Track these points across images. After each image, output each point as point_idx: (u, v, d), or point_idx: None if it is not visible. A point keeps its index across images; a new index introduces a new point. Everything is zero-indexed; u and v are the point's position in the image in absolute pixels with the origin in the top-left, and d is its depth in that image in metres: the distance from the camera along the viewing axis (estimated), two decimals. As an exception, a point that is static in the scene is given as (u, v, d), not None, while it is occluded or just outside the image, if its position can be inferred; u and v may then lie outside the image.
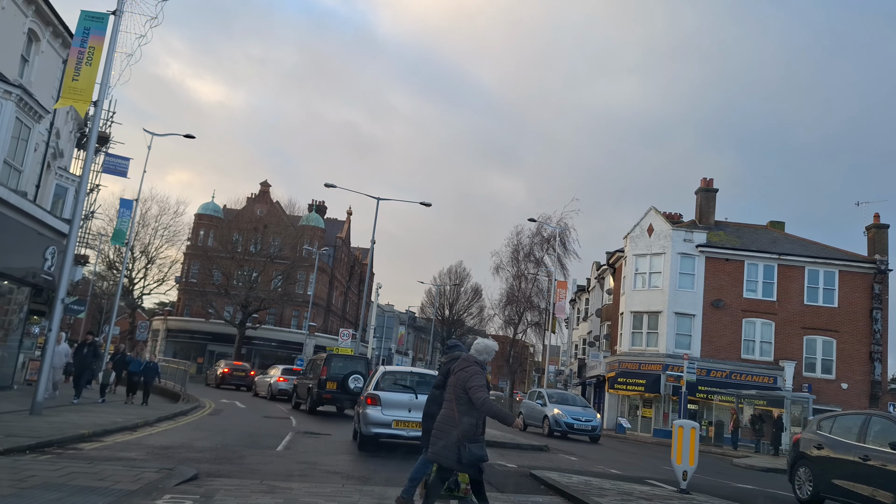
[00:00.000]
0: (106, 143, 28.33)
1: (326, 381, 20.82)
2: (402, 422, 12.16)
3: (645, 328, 35.67)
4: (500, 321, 49.45)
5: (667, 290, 35.11)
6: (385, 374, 13.26)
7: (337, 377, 20.67)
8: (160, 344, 65.25)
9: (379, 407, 12.33)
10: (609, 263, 41.40)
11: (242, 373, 36.58)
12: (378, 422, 12.27)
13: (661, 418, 34.39)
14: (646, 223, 36.77)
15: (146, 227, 59.59)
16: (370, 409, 12.39)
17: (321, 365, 21.47)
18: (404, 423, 12.15)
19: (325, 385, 20.77)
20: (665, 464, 15.12)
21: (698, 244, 35.49)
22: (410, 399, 12.36)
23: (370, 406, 12.41)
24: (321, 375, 21.04)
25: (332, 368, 21.04)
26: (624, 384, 35.25)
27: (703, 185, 38.60)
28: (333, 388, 20.62)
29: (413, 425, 11.78)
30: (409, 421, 12.04)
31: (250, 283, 55.99)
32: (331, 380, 20.76)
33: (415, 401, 12.19)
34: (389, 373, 13.44)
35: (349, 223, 77.67)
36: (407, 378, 13.37)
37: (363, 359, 23.85)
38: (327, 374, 20.87)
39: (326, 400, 21.14)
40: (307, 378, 23.23)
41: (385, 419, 12.24)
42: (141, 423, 14.20)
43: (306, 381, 23.05)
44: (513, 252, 48.40)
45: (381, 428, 12.31)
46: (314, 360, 24.28)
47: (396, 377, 13.31)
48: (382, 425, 12.27)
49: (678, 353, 34.57)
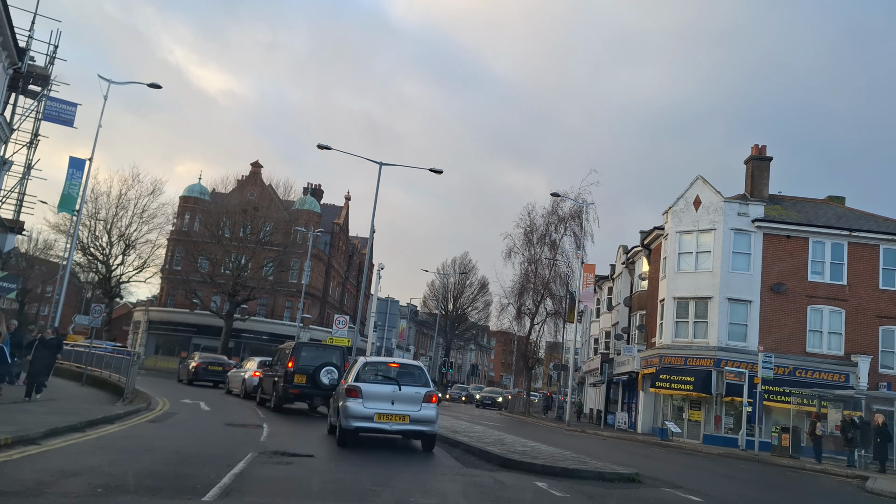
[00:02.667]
0: (47, 85, 23.08)
1: (294, 373, 17.73)
2: (385, 415, 11.79)
3: (692, 317, 30.46)
4: (513, 311, 44.24)
5: (718, 273, 29.91)
6: (366, 364, 12.79)
7: (307, 369, 17.86)
8: (141, 336, 60.15)
9: (360, 399, 11.83)
10: (644, 244, 36.18)
11: (219, 367, 31.64)
12: (359, 415, 11.75)
13: (713, 422, 29.21)
14: (691, 195, 31.55)
15: (125, 209, 54.66)
16: (351, 401, 11.86)
17: (288, 355, 18.40)
18: (387, 417, 11.80)
19: (293, 378, 17.72)
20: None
21: (755, 218, 30.28)
22: (393, 391, 12.01)
23: (351, 398, 11.88)
24: (288, 367, 17.88)
25: (301, 359, 18.08)
26: (667, 382, 30.03)
27: (755, 152, 33.30)
28: (302, 381, 17.76)
29: (396, 418, 11.78)
30: (393, 414, 11.80)
31: (238, 270, 50.74)
32: (299, 372, 17.78)
33: (398, 393, 11.97)
34: (371, 363, 12.97)
35: (347, 209, 72.45)
36: (389, 369, 12.83)
37: (339, 349, 20.43)
38: (295, 366, 17.81)
39: (294, 396, 18.22)
40: (273, 370, 19.77)
41: (367, 412, 11.76)
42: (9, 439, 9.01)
43: (272, 374, 19.63)
44: (525, 234, 43.33)
45: (363, 421, 11.80)
46: (282, 348, 20.84)
47: (378, 368, 12.83)
48: (364, 419, 11.77)
49: (732, 345, 29.41)
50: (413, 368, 12.96)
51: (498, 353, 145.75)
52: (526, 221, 42.40)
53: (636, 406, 35.93)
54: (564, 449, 15.96)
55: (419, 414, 11.96)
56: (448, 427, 17.58)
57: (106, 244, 54.25)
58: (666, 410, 31.25)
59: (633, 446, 24.82)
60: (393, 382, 12.19)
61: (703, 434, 29.17)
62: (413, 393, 12.06)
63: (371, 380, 12.21)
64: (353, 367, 12.96)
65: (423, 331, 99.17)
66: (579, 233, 41.13)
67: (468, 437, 15.73)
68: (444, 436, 15.09)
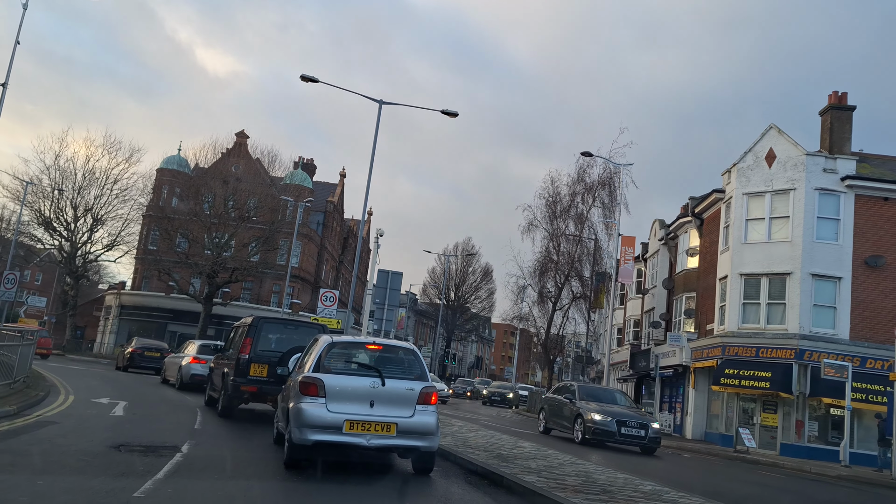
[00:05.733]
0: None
1: (250, 362, 12.31)
2: (361, 423, 7.56)
3: (764, 298, 24.64)
4: (533, 294, 38.37)
5: (798, 243, 24.09)
6: (332, 346, 8.36)
7: (269, 357, 12.30)
8: (112, 322, 54.27)
9: (322, 400, 7.63)
10: (694, 212, 30.29)
11: (157, 353, 28.33)
12: (320, 423, 7.46)
13: (793, 428, 23.45)
14: (762, 149, 25.67)
15: (93, 180, 48.64)
16: (308, 402, 7.62)
17: (244, 336, 12.84)
18: (364, 426, 7.56)
19: (248, 370, 12.33)
20: None
21: (845, 175, 24.44)
22: (373, 387, 7.80)
23: (309, 398, 7.65)
24: (242, 353, 12.45)
25: (260, 342, 12.64)
26: (735, 378, 24.22)
27: (833, 100, 27.43)
28: (262, 374, 12.32)
29: (378, 428, 7.61)
30: (372, 421, 7.61)
31: (219, 249, 44.71)
32: (258, 361, 12.34)
33: (380, 389, 7.81)
34: (339, 345, 8.50)
35: (342, 186, 66.41)
36: (367, 353, 8.57)
37: (315, 328, 13.86)
38: (252, 352, 12.41)
39: (250, 395, 12.74)
40: (225, 359, 13.91)
41: (332, 419, 7.49)
42: None
43: (223, 363, 13.86)
44: (547, 205, 37.47)
45: (326, 433, 7.46)
46: (237, 327, 14.52)
47: (350, 352, 8.53)
48: (327, 429, 7.46)
49: (817, 332, 23.63)
50: (403, 353, 8.84)
51: (498, 345, 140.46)
52: (549, 191, 36.68)
53: (682, 406, 30.21)
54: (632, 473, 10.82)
55: (412, 421, 7.88)
56: (483, 446, 11.81)
57: (71, 219, 48.41)
58: (730, 413, 25.46)
59: (704, 462, 19.13)
60: (372, 374, 8.05)
61: (780, 443, 23.43)
62: (403, 390, 8.03)
63: (339, 369, 8.15)
64: (312, 350, 8.63)
65: (423, 321, 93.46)
66: (609, 202, 35.38)
67: (528, 468, 9.93)
68: (479, 464, 9.37)
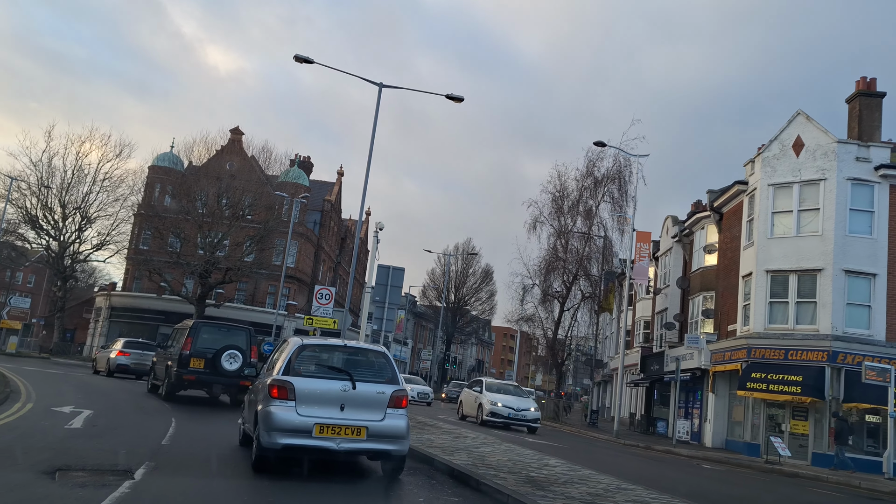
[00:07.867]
0: None
1: (190, 356, 15.93)
2: (331, 426, 7.71)
3: (792, 296, 22.97)
4: (538, 293, 36.68)
5: (830, 237, 22.45)
6: (302, 349, 8.47)
7: (206, 352, 16.08)
8: (102, 325, 52.47)
9: (292, 403, 7.75)
10: (713, 206, 28.63)
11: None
12: (290, 427, 7.60)
13: (825, 436, 21.75)
14: (789, 136, 24.04)
15: (82, 177, 46.90)
16: (277, 405, 7.74)
17: (185, 335, 16.60)
18: (334, 429, 7.72)
19: (189, 363, 15.92)
20: None
21: (879, 164, 22.83)
22: (344, 390, 7.95)
23: (278, 401, 7.77)
24: (184, 349, 16.05)
25: (199, 340, 16.38)
26: (763, 382, 22.51)
27: (861, 86, 25.80)
28: (200, 366, 15.99)
29: (348, 432, 7.75)
30: (342, 425, 7.75)
31: (212, 248, 42.93)
32: (197, 356, 16.01)
33: (350, 393, 7.97)
34: (309, 347, 8.63)
35: (340, 185, 64.69)
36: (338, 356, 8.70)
37: (244, 330, 17.80)
38: (192, 348, 16.08)
39: (189, 383, 16.23)
40: (167, 353, 17.89)
41: (302, 422, 7.64)
42: None
43: (166, 357, 17.74)
44: (553, 200, 35.81)
45: (296, 437, 7.61)
46: (178, 328, 18.81)
47: (321, 355, 8.68)
48: (297, 432, 7.62)
49: (851, 333, 21.97)
50: (373, 356, 8.92)
51: (498, 348, 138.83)
52: (555, 185, 34.93)
53: (700, 412, 28.53)
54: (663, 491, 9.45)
55: (382, 425, 7.97)
56: (507, 465, 10.13)
57: (59, 217, 46.64)
58: (756, 419, 23.76)
59: (736, 475, 17.44)
60: (343, 377, 8.13)
61: (811, 452, 21.74)
62: (374, 394, 8.13)
63: (310, 372, 8.25)
64: (282, 352, 8.75)
65: (422, 323, 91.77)
66: (619, 197, 33.75)
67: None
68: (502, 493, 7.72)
